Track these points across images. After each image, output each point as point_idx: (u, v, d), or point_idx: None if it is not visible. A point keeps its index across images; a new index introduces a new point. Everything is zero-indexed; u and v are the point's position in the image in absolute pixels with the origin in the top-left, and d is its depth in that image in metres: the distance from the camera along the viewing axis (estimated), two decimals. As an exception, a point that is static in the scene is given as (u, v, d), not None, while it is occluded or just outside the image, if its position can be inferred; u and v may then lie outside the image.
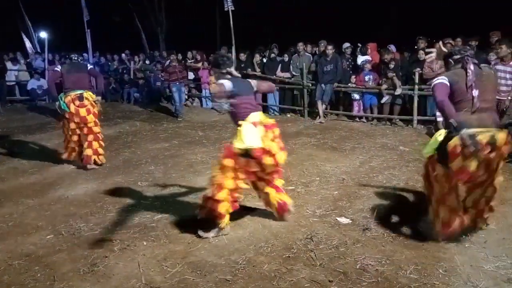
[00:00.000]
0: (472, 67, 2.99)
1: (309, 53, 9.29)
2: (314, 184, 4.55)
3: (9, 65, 11.74)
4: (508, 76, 5.39)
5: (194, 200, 4.11)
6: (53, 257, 3.00)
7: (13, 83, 11.98)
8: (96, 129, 5.35)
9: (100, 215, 3.77)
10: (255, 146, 3.07)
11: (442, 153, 2.96)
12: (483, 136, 2.80)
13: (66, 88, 5.25)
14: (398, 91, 7.68)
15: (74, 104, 5.15)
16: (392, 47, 8.00)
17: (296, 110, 9.46)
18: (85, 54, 12.53)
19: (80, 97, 5.18)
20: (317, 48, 9.42)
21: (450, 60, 3.18)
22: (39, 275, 2.77)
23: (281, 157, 3.23)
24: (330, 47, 8.33)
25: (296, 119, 8.99)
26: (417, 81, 7.43)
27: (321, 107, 8.56)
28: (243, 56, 10.21)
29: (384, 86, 7.84)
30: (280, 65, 9.52)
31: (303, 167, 5.20)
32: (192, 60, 11.30)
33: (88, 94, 5.29)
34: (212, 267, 2.82)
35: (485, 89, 3.00)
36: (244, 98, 3.27)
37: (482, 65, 3.14)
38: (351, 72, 8.59)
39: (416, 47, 8.09)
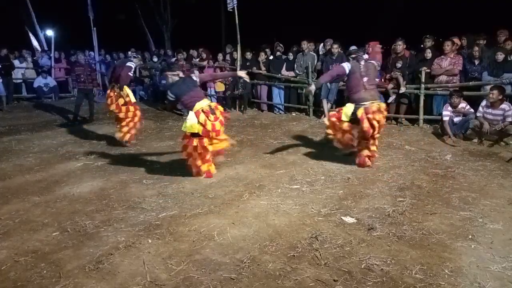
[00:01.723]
0: (362, 62, 4.90)
1: (313, 51, 9.27)
2: (319, 183, 4.54)
3: (16, 63, 11.81)
4: (499, 118, 6.06)
5: (199, 198, 4.11)
6: (58, 254, 3.02)
7: (20, 81, 12.06)
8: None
9: (106, 213, 3.78)
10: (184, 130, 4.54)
11: (354, 119, 4.80)
12: (373, 105, 4.75)
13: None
14: (402, 90, 7.64)
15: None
16: (401, 43, 7.87)
17: (301, 108, 9.45)
18: (91, 52, 12.60)
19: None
20: (320, 45, 9.39)
21: (350, 58, 5.12)
22: (45, 271, 2.79)
23: (220, 128, 4.57)
24: (335, 45, 8.31)
25: (301, 118, 8.98)
26: (423, 80, 7.39)
27: (326, 106, 8.53)
28: (248, 55, 10.20)
29: (390, 86, 7.80)
30: (285, 63, 9.50)
31: (308, 166, 5.19)
32: (198, 59, 11.31)
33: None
34: (217, 265, 2.82)
35: (370, 77, 4.89)
36: (189, 94, 4.55)
37: (369, 60, 5.12)
38: None
39: (422, 45, 8.05)
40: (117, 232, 3.37)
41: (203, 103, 4.53)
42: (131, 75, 6.76)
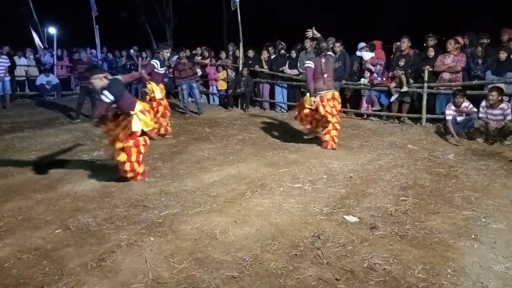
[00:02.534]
0: (323, 59, 5.73)
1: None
2: (321, 182, 4.53)
3: (19, 60, 11.83)
4: (499, 117, 6.16)
5: (201, 196, 4.11)
6: (61, 252, 3.02)
7: (23, 78, 12.08)
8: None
9: (108, 211, 3.79)
10: (139, 130, 4.36)
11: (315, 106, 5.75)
12: (328, 94, 5.73)
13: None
14: (404, 88, 7.63)
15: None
16: (406, 40, 7.83)
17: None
18: (93, 50, 12.61)
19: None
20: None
21: (315, 51, 6.01)
22: (47, 269, 2.79)
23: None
24: (338, 44, 8.29)
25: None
26: (426, 79, 7.36)
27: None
28: (251, 53, 10.19)
29: (393, 84, 7.78)
30: (288, 62, 9.49)
31: (310, 164, 5.18)
32: (200, 57, 11.31)
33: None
34: (219, 263, 2.82)
35: (329, 69, 5.78)
36: (127, 95, 4.48)
37: (328, 54, 5.85)
38: (361, 74, 8.53)
39: (425, 44, 8.02)
40: (119, 230, 3.37)
41: (140, 106, 4.45)
42: (161, 71, 6.83)
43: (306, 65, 5.91)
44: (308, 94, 5.87)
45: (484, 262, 2.80)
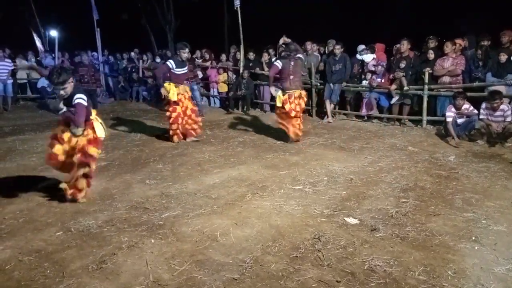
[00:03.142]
0: (292, 62, 6.27)
1: (318, 52, 9.27)
2: (322, 184, 4.53)
3: (21, 63, 11.87)
4: (499, 119, 6.16)
5: (202, 198, 4.12)
6: (62, 254, 3.03)
7: (25, 81, 12.12)
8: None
9: (109, 213, 3.80)
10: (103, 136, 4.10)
11: (282, 103, 6.34)
12: (296, 92, 6.34)
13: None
14: (406, 88, 7.64)
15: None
16: (406, 43, 7.86)
17: (304, 109, 9.43)
18: (94, 53, 12.64)
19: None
20: (326, 47, 9.40)
21: (283, 54, 6.59)
22: (48, 271, 2.80)
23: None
24: (338, 46, 8.32)
25: (304, 119, 8.92)
26: (426, 81, 7.37)
27: (329, 107, 8.54)
28: (251, 55, 10.21)
29: (394, 87, 7.79)
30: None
31: (310, 166, 5.19)
32: (201, 59, 11.33)
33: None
34: (220, 265, 2.83)
35: (296, 71, 6.34)
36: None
37: (297, 57, 6.40)
38: (362, 76, 8.54)
39: (425, 45, 8.03)
40: (120, 232, 3.38)
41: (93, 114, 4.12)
42: (179, 71, 6.47)
43: (274, 63, 6.53)
44: (280, 93, 6.38)
45: (485, 264, 2.80)
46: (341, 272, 2.72)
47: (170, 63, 6.47)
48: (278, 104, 6.40)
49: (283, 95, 6.34)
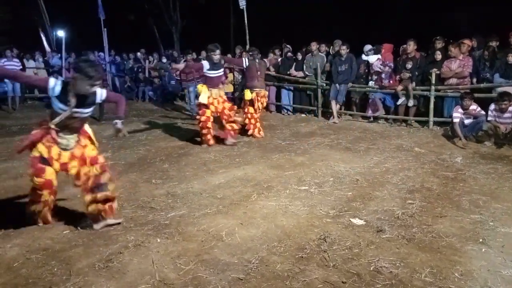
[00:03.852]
0: (258, 64, 6.96)
1: (323, 53, 9.25)
2: (328, 184, 4.52)
3: (28, 63, 11.97)
4: (508, 121, 6.17)
5: (208, 198, 4.13)
6: (69, 252, 3.05)
7: (32, 80, 12.20)
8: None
9: (115, 212, 3.81)
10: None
11: (250, 100, 6.94)
12: (261, 92, 7.02)
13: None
14: (410, 103, 7.64)
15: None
16: (412, 43, 7.83)
17: (309, 110, 9.43)
18: (101, 53, 12.72)
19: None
20: (331, 47, 9.38)
21: (250, 56, 7.17)
22: (55, 269, 2.82)
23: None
24: (344, 47, 8.29)
25: (310, 119, 8.96)
26: (433, 81, 7.33)
27: (335, 107, 8.52)
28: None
29: (400, 87, 7.75)
30: (294, 64, 9.50)
31: (316, 167, 5.18)
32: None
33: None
34: (225, 265, 2.83)
35: (261, 71, 7.00)
36: None
37: (261, 60, 7.15)
38: (368, 77, 8.51)
39: (433, 46, 7.98)
40: (127, 231, 3.39)
41: None
42: (211, 74, 6.22)
43: (241, 59, 7.64)
44: (247, 90, 7.01)
45: (492, 266, 2.78)
46: (346, 273, 2.72)
47: (204, 63, 6.22)
48: (247, 99, 7.02)
49: (251, 92, 6.90)
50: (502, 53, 7.00)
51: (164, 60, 12.32)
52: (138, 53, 12.89)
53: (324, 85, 8.88)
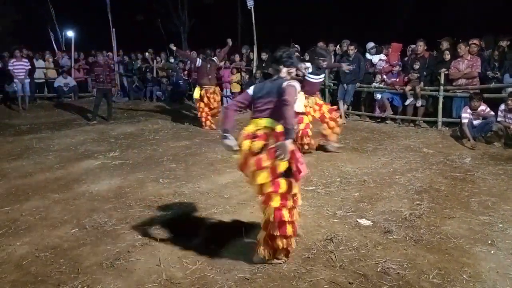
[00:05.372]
0: (209, 64, 7.79)
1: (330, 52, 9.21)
2: (335, 185, 4.51)
3: (38, 63, 12.08)
4: None
5: (214, 198, 4.14)
6: (77, 251, 3.08)
7: (42, 80, 12.34)
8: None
9: (123, 211, 3.84)
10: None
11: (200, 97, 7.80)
12: (211, 89, 7.82)
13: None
14: (419, 103, 7.60)
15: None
16: (422, 44, 7.76)
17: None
18: (109, 53, 12.80)
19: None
20: (337, 47, 9.34)
21: (201, 57, 8.13)
22: (64, 267, 2.85)
23: None
24: (352, 47, 8.25)
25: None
26: (442, 82, 7.26)
27: (342, 107, 8.47)
28: (264, 56, 10.21)
29: (408, 88, 7.70)
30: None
31: (323, 167, 5.16)
32: (222, 62, 11.35)
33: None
34: (232, 265, 2.84)
35: (211, 71, 7.88)
36: None
37: (212, 59, 7.96)
38: (373, 77, 8.47)
39: (440, 47, 7.91)
40: (134, 230, 3.42)
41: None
42: (313, 79, 5.71)
43: (196, 60, 8.22)
44: (197, 88, 7.88)
45: (501, 268, 2.75)
46: (353, 274, 2.71)
47: (308, 66, 5.63)
48: (197, 97, 7.88)
49: (201, 90, 7.78)
50: (510, 53, 6.91)
51: (172, 60, 12.36)
52: (146, 53, 12.94)
53: (332, 85, 8.85)
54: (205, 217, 3.67)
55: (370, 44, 8.63)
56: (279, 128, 2.72)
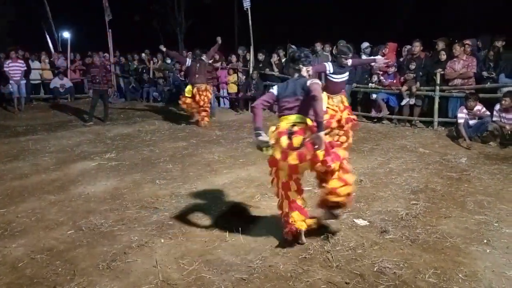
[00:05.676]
0: (198, 64, 8.02)
1: (327, 52, 9.23)
2: (331, 185, 4.50)
3: (34, 64, 12.04)
4: None
5: (211, 198, 4.13)
6: (73, 252, 3.07)
7: (38, 81, 12.29)
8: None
9: (119, 212, 3.83)
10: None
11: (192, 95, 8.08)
12: (202, 86, 8.05)
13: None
14: (412, 101, 7.63)
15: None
16: (418, 44, 7.80)
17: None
18: (106, 54, 12.77)
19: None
20: (334, 48, 9.35)
21: (192, 57, 8.39)
22: (60, 269, 2.84)
23: None
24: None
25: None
26: (438, 82, 7.29)
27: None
28: (261, 56, 10.22)
29: (404, 88, 7.72)
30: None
31: (320, 167, 5.16)
32: (211, 60, 11.35)
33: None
34: (229, 266, 2.84)
35: (201, 70, 8.08)
36: None
37: (201, 59, 8.14)
38: (368, 77, 8.49)
39: (436, 47, 7.95)
40: (131, 231, 3.41)
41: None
42: (335, 78, 5.41)
43: (184, 58, 8.76)
44: (189, 86, 8.12)
45: (497, 267, 2.76)
46: (350, 274, 2.71)
47: (329, 65, 5.38)
48: (187, 94, 8.11)
49: (193, 88, 8.03)
50: (508, 53, 6.94)
51: (169, 61, 12.34)
52: (143, 54, 12.91)
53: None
54: (201, 218, 3.66)
55: (365, 44, 8.66)
56: (309, 122, 3.00)
